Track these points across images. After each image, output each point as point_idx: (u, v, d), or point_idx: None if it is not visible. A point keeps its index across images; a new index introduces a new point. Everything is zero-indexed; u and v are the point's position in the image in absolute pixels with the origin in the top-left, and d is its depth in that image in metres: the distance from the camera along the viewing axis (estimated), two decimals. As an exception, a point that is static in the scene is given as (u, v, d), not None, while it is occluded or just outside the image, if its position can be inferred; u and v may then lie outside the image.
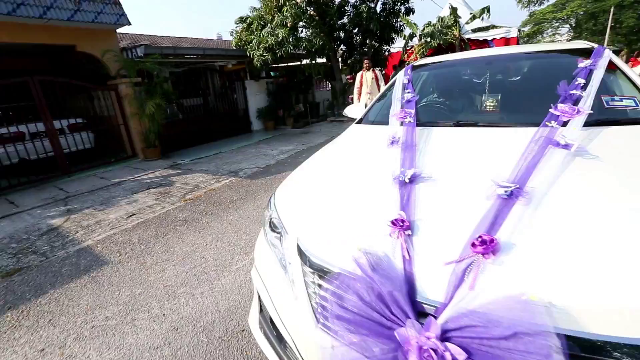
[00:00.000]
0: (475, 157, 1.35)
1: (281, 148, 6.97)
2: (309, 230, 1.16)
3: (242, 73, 9.38)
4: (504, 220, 0.92)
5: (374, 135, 1.95)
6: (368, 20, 8.06)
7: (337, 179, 1.45)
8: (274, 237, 1.41)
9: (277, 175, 4.89)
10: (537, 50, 2.26)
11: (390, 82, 2.58)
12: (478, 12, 13.11)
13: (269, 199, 1.59)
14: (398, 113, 1.87)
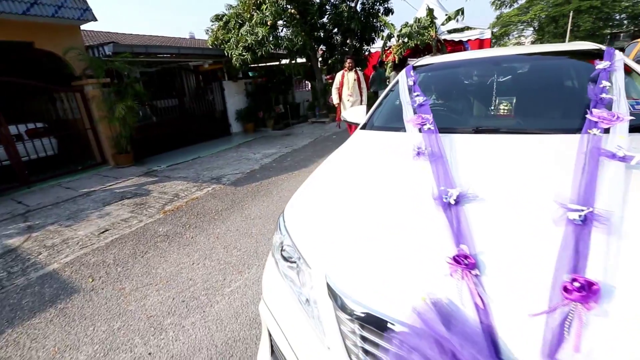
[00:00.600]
0: (518, 171, 1.19)
1: (264, 151, 6.69)
2: (340, 266, 0.96)
3: (220, 73, 8.99)
4: (588, 254, 0.77)
5: (388, 143, 1.77)
6: (349, 19, 7.94)
7: (361, 197, 1.25)
8: (288, 268, 1.20)
9: (264, 182, 4.63)
10: (544, 51, 2.18)
11: (392, 84, 2.42)
12: (453, 13, 13.36)
13: (278, 221, 1.37)
14: (414, 119, 1.70)
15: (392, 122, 2.01)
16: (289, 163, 5.59)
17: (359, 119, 2.41)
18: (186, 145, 7.83)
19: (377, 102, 2.31)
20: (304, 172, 4.96)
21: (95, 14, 5.84)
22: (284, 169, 5.26)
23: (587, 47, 2.09)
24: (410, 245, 0.94)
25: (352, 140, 1.99)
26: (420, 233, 0.97)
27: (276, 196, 4.00)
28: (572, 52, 2.11)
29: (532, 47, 2.31)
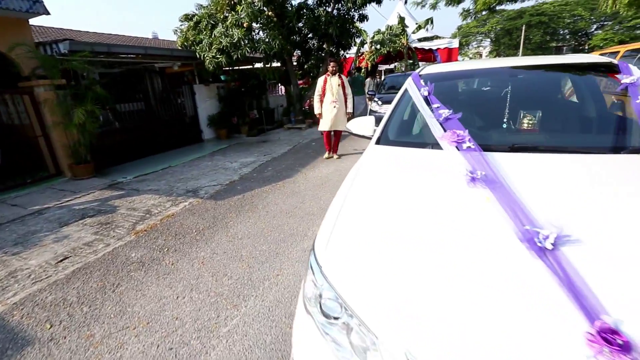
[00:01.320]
0: (604, 200, 1.03)
1: (241, 160, 6.31)
2: (427, 340, 0.74)
3: (190, 76, 8.45)
4: None
5: (422, 163, 1.56)
6: (326, 24, 7.80)
7: (418, 234, 1.03)
8: (330, 325, 0.96)
9: (246, 194, 4.29)
10: (555, 63, 2.12)
11: (400, 95, 2.25)
12: (423, 22, 13.84)
13: (310, 263, 1.12)
14: (449, 135, 1.52)
15: (415, 137, 1.83)
16: (271, 173, 5.28)
17: (367, 131, 2.21)
18: (154, 153, 7.22)
19: (389, 114, 2.12)
20: (289, 183, 4.68)
21: (47, 8, 5.19)
22: (266, 179, 4.94)
23: (595, 59, 2.06)
24: (516, 311, 0.73)
25: (372, 158, 1.76)
26: (519, 291, 0.77)
27: (263, 211, 3.70)
28: (583, 65, 2.06)
29: (538, 58, 2.26)
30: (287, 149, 7.05)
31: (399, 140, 1.89)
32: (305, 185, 4.56)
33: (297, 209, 3.71)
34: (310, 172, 5.17)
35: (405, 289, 0.86)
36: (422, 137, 1.83)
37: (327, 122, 5.61)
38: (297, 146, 7.33)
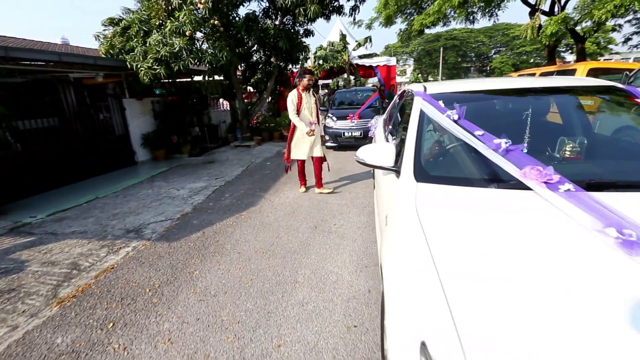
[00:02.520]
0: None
1: (190, 186, 5.48)
2: None
3: (118, 89, 7.26)
4: None
5: (516, 214, 1.18)
6: (275, 37, 7.43)
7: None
8: None
9: (207, 231, 3.60)
10: (568, 85, 2.05)
11: (416, 118, 1.95)
12: (362, 40, 14.33)
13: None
14: (534, 173, 1.22)
15: (466, 172, 1.52)
16: (230, 201, 4.61)
17: (386, 160, 1.84)
18: (75, 180, 5.90)
19: (413, 142, 1.78)
20: (254, 212, 4.10)
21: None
22: (227, 209, 4.27)
23: (599, 83, 2.04)
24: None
25: (432, 204, 1.35)
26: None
27: (233, 252, 3.08)
28: (597, 88, 2.02)
29: (548, 80, 2.19)
30: (241, 171, 6.39)
31: (447, 176, 1.56)
32: (274, 214, 4.02)
33: (274, 246, 3.17)
34: (274, 198, 4.64)
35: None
36: (476, 171, 1.53)
37: (304, 148, 4.49)
38: (250, 167, 6.70)
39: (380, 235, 2.10)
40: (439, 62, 42.55)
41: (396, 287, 1.04)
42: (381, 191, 2.21)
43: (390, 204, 1.71)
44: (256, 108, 9.20)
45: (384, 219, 1.86)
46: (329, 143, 7.77)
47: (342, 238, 3.30)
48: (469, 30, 44.01)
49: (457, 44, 43.30)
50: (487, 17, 11.06)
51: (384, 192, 2.04)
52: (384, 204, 1.97)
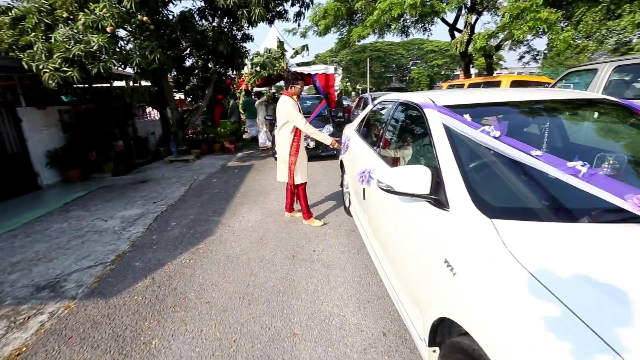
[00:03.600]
0: None
1: (121, 214, 4.47)
2: None
3: (9, 95, 5.70)
4: None
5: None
6: (215, 40, 6.70)
7: None
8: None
9: (157, 276, 2.84)
10: (573, 98, 1.99)
11: (445, 138, 1.65)
12: (300, 48, 14.17)
13: None
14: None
15: (540, 202, 1.25)
16: (178, 230, 3.83)
17: (421, 187, 1.51)
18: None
19: (454, 166, 1.48)
20: (214, 243, 3.44)
21: None
22: (177, 242, 3.51)
23: (593, 97, 2.04)
24: None
25: (533, 247, 1.04)
26: None
27: (202, 304, 2.43)
28: (599, 101, 2.00)
29: (550, 92, 2.13)
30: (184, 191, 5.51)
31: (519, 208, 1.27)
32: (239, 244, 3.41)
33: (251, 288, 2.61)
34: (234, 223, 4.01)
35: None
36: (554, 201, 1.28)
37: (305, 168, 3.76)
38: (195, 185, 5.84)
39: (404, 273, 1.75)
40: (366, 71, 45.06)
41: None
42: (396, 221, 1.87)
43: (435, 244, 1.38)
44: (193, 118, 8.22)
45: (420, 261, 1.51)
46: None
47: (329, 267, 2.89)
48: (390, 44, 47.75)
49: (381, 55, 46.51)
50: (422, 31, 11.87)
51: (406, 225, 1.71)
52: (413, 241, 1.63)
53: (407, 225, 1.72)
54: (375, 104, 3.41)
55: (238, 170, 6.88)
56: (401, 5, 7.81)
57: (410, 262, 1.65)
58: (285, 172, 3.74)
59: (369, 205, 2.54)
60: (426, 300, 1.42)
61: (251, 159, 8.01)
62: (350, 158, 3.54)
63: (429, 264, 1.41)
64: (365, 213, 2.75)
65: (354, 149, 3.36)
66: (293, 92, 3.59)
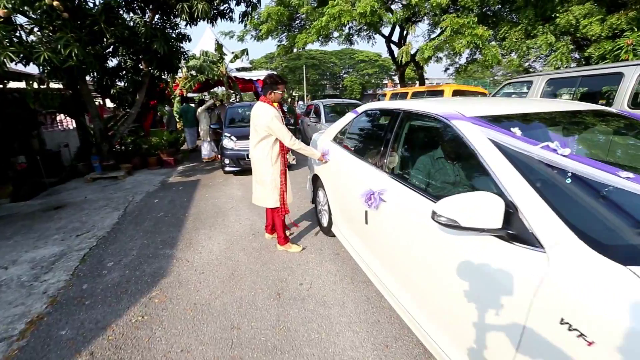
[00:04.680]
0: None
1: (30, 255, 3.38)
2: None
3: None
4: None
5: None
6: (149, 37, 5.74)
7: None
8: None
9: (97, 349, 2.06)
10: (593, 109, 1.91)
11: (501, 157, 1.37)
12: (239, 52, 13.39)
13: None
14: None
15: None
16: (119, 274, 2.98)
17: (491, 220, 1.19)
18: None
19: (533, 194, 1.19)
20: (173, 288, 2.72)
21: None
22: (119, 292, 2.69)
23: (595, 107, 2.01)
24: None
25: None
26: None
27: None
28: (604, 112, 1.94)
29: (566, 103, 2.04)
30: (117, 217, 4.50)
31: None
32: (206, 285, 2.76)
33: (237, 347, 2.03)
34: (192, 255, 3.30)
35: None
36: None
37: (289, 188, 3.26)
38: (131, 209, 4.84)
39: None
40: (302, 78, 45.39)
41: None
42: (438, 258, 1.54)
43: (528, 296, 1.08)
44: (121, 127, 6.98)
45: (503, 316, 1.18)
46: (229, 167, 6.56)
47: (325, 305, 2.45)
48: (324, 52, 49.05)
49: (316, 63, 47.36)
50: (366, 39, 12.10)
51: (461, 265, 1.38)
52: (481, 288, 1.30)
53: (464, 266, 1.38)
54: (360, 112, 3.08)
55: (183, 187, 5.97)
56: (351, 13, 7.76)
57: (475, 314, 1.31)
58: (264, 194, 3.17)
59: (377, 231, 2.18)
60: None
61: (196, 173, 7.09)
62: (333, 174, 3.14)
63: (514, 320, 1.09)
64: (367, 239, 2.39)
65: (342, 164, 2.97)
66: (273, 98, 2.99)
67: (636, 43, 6.58)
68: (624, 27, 7.05)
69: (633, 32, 6.83)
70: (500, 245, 1.24)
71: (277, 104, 3.07)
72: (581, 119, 1.87)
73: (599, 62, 7.25)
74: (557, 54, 7.91)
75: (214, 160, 8.39)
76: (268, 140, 2.97)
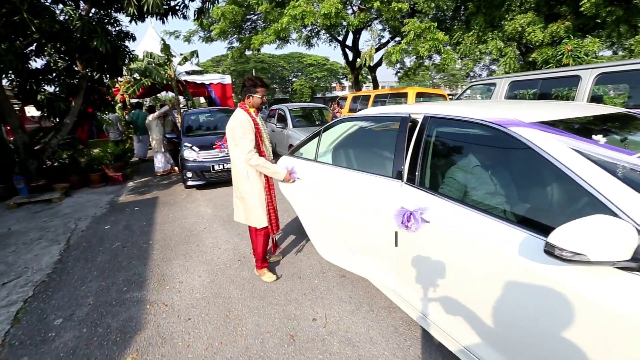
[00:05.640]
0: None
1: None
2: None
3: None
4: None
5: None
6: (86, 33, 4.84)
7: None
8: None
9: None
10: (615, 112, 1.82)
11: (600, 173, 1.15)
12: (188, 54, 12.38)
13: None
14: None
15: None
16: (73, 335, 2.29)
17: (620, 251, 0.95)
18: None
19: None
20: (153, 347, 2.14)
21: None
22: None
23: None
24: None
25: None
26: None
27: None
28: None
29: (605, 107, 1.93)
30: (59, 252, 3.63)
31: None
32: (196, 336, 2.21)
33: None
34: (170, 296, 2.70)
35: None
36: None
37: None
38: (76, 240, 3.96)
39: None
40: (253, 83, 44.17)
41: None
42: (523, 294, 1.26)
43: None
44: (54, 140, 5.84)
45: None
46: (192, 181, 5.84)
47: (352, 344, 2.08)
48: (272, 56, 48.49)
49: (265, 66, 46.52)
50: (327, 42, 11.90)
51: (570, 305, 1.12)
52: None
53: (582, 308, 1.12)
54: (359, 118, 2.75)
55: (139, 207, 5.14)
56: (314, 14, 7.48)
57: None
58: (247, 211, 2.71)
59: (415, 256, 1.87)
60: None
61: (151, 189, 6.21)
62: (317, 193, 2.72)
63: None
64: (398, 263, 2.06)
65: (334, 182, 2.56)
66: (251, 103, 2.59)
67: (574, 49, 7.27)
68: (562, 35, 7.76)
69: (570, 40, 7.55)
70: (627, 278, 1.01)
71: (255, 111, 2.65)
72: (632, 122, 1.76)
73: (542, 66, 7.90)
74: (506, 59, 8.47)
75: (169, 173, 7.50)
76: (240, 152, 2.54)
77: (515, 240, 1.31)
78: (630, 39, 7.08)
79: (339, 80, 52.72)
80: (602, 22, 7.23)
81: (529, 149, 1.38)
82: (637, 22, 6.82)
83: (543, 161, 1.31)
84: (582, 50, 7.11)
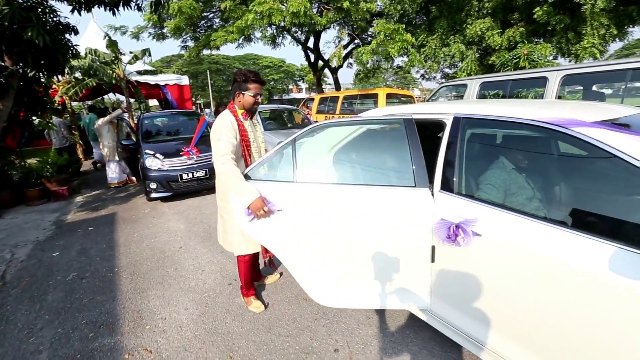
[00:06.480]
0: None
1: None
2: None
3: None
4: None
5: None
6: (19, 21, 4.02)
7: None
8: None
9: None
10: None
11: None
12: (140, 52, 11.28)
13: None
14: None
15: None
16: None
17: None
18: None
19: None
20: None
21: None
22: None
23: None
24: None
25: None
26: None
27: None
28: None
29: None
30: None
31: None
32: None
33: None
34: (152, 339, 2.21)
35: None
36: None
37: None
38: (14, 274, 3.21)
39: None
40: (206, 84, 42.23)
41: None
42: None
43: None
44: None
45: None
46: (156, 193, 5.18)
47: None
48: (227, 57, 46.85)
49: (220, 68, 44.73)
50: (294, 42, 11.50)
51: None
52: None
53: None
54: (363, 120, 2.44)
55: (93, 226, 4.39)
56: (282, 12, 7.13)
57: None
58: (222, 232, 2.35)
59: (464, 271, 1.65)
60: None
61: (106, 204, 5.41)
62: (319, 224, 2.02)
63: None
64: (435, 281, 1.83)
65: (338, 205, 2.06)
66: (242, 102, 2.14)
67: (529, 53, 7.77)
68: (518, 40, 8.27)
69: (524, 44, 8.06)
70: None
71: (244, 113, 2.23)
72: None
73: (501, 69, 8.35)
74: (468, 61, 8.84)
75: (125, 184, 6.65)
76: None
77: (603, 254, 1.14)
78: (576, 45, 7.74)
79: (296, 82, 52.46)
80: (552, 29, 7.82)
81: (603, 151, 1.22)
82: (582, 30, 7.48)
83: (622, 164, 1.16)
84: (535, 54, 7.62)
